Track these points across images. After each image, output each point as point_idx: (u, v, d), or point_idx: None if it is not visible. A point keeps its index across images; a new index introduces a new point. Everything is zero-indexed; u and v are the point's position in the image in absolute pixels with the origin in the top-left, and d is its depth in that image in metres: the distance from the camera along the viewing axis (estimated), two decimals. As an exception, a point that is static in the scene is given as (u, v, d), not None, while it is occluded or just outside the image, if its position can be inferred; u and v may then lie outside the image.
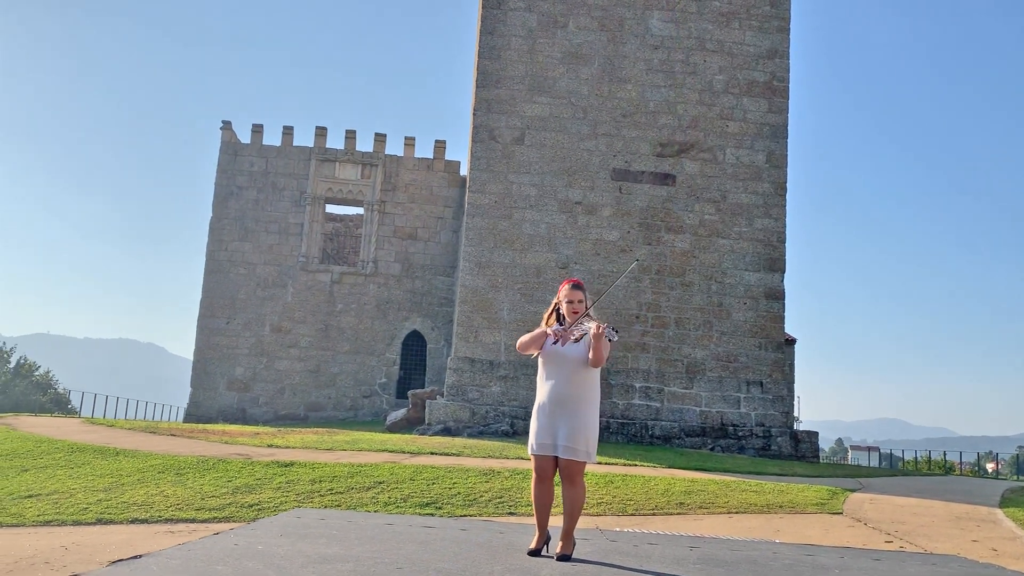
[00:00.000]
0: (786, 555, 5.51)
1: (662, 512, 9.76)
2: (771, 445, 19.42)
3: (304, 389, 27.07)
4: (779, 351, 20.23)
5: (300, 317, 27.37)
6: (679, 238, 20.17)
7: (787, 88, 20.96)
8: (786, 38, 21.12)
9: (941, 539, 8.56)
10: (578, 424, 5.03)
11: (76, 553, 7.67)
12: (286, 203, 27.85)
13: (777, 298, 20.26)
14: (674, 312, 19.95)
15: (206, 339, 27.21)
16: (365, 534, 5.18)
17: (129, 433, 16.10)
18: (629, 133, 20.39)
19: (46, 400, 43.83)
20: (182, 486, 10.78)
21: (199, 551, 4.02)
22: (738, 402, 19.79)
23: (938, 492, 13.12)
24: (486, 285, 19.64)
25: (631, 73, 20.59)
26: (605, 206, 20.13)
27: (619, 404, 19.50)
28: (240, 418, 25.84)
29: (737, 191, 20.44)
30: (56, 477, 11.70)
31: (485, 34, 20.55)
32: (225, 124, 28.34)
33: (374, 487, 10.54)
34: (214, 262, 27.54)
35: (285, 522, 5.52)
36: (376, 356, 27.46)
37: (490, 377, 19.30)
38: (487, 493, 10.29)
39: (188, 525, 9.04)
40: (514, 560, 4.63)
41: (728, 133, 20.59)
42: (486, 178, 20.02)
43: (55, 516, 9.57)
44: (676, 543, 5.93)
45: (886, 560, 5.56)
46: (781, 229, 20.48)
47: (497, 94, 20.31)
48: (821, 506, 10.42)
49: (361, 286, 27.75)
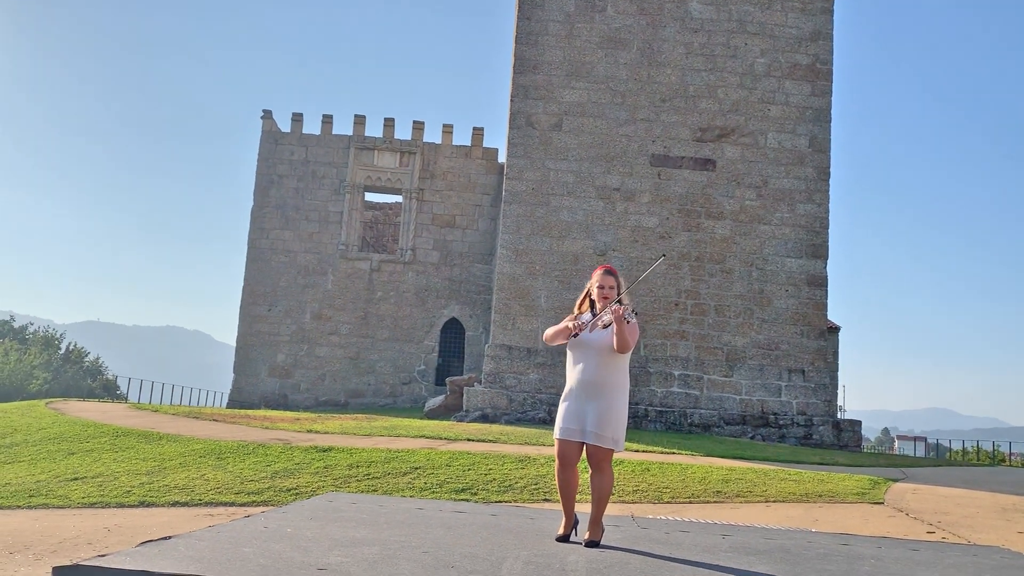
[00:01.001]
0: (821, 544, 5.41)
1: (698, 500, 9.68)
2: (812, 434, 19.15)
3: (344, 376, 27.34)
4: (821, 339, 19.91)
5: (340, 304, 27.62)
6: (719, 224, 19.92)
7: (830, 71, 20.54)
8: (829, 20, 20.69)
9: (985, 530, 8.36)
10: (607, 410, 4.99)
11: (117, 535, 7.84)
12: (326, 191, 28.09)
13: (819, 285, 19.93)
14: (714, 299, 19.74)
15: (248, 326, 27.60)
16: (395, 518, 5.20)
17: (173, 418, 16.42)
18: (668, 118, 20.16)
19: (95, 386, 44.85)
20: (222, 470, 10.97)
21: (228, 533, 4.07)
22: (779, 390, 19.54)
23: (985, 482, 12.82)
24: (523, 272, 19.61)
25: (671, 57, 20.34)
26: (644, 192, 19.95)
27: (657, 392, 19.37)
28: (282, 404, 26.20)
29: (779, 176, 20.11)
30: (101, 460, 11.98)
31: (522, 19, 20.44)
32: (266, 113, 28.63)
33: (410, 472, 10.61)
34: (256, 250, 27.90)
35: (316, 506, 5.57)
36: (415, 343, 27.63)
37: (527, 364, 19.29)
38: (522, 480, 10.30)
39: (227, 508, 9.20)
40: (542, 546, 4.62)
41: (770, 117, 20.25)
42: (523, 165, 19.96)
43: (99, 498, 9.80)
44: (708, 531, 5.86)
45: (924, 550, 5.43)
46: (824, 215, 20.12)
47: (534, 80, 20.21)
48: (862, 496, 10.24)
49: (400, 274, 27.91)
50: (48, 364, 39.79)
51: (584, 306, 5.40)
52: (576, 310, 5.44)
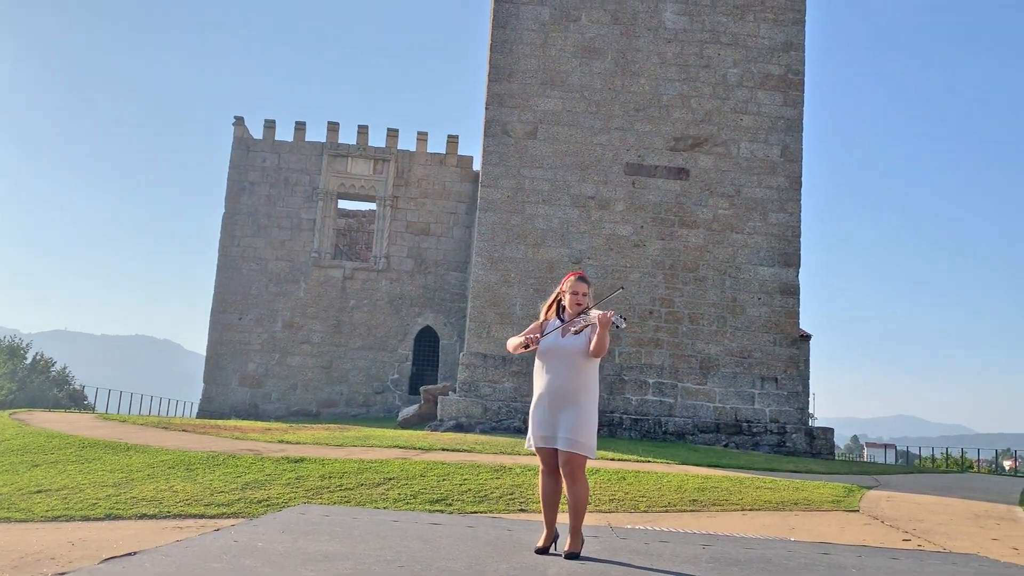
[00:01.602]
0: (801, 554, 5.37)
1: (675, 509, 9.63)
2: (786, 442, 19.22)
3: (316, 385, 27.05)
4: (794, 347, 20.02)
5: (312, 313, 27.34)
6: (693, 233, 19.98)
7: (802, 81, 20.71)
8: (801, 30, 20.87)
9: (960, 537, 8.39)
10: (580, 417, 4.92)
11: (82, 549, 7.62)
12: (298, 199, 27.82)
13: (792, 293, 20.04)
14: (688, 307, 19.77)
15: (219, 335, 27.23)
16: (369, 531, 5.08)
17: (140, 429, 16.10)
18: (642, 127, 20.21)
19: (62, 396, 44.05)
20: (192, 482, 10.74)
21: (196, 548, 3.93)
22: (752, 398, 19.59)
23: (956, 489, 12.92)
24: (498, 280, 19.53)
25: (644, 67, 20.40)
26: (618, 201, 19.97)
27: (632, 400, 19.35)
28: (252, 414, 25.85)
29: (751, 185, 20.22)
30: (66, 472, 11.69)
31: (497, 28, 20.41)
32: (237, 120, 28.34)
33: (384, 483, 10.46)
34: (227, 258, 27.55)
35: (288, 518, 5.43)
36: (388, 352, 27.41)
37: (502, 373, 19.19)
38: (498, 490, 10.19)
39: (197, 521, 8.99)
40: (521, 558, 4.52)
41: (742, 127, 20.37)
42: (498, 173, 19.90)
43: (64, 512, 9.54)
44: (688, 541, 5.80)
45: (904, 559, 5.41)
46: (796, 224, 20.25)
47: (509, 88, 20.17)
48: (837, 503, 10.27)
49: (373, 282, 27.69)
50: (13, 374, 38.99)
51: (551, 312, 5.32)
52: (543, 316, 5.36)
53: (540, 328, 5.22)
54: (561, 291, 5.28)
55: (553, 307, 5.32)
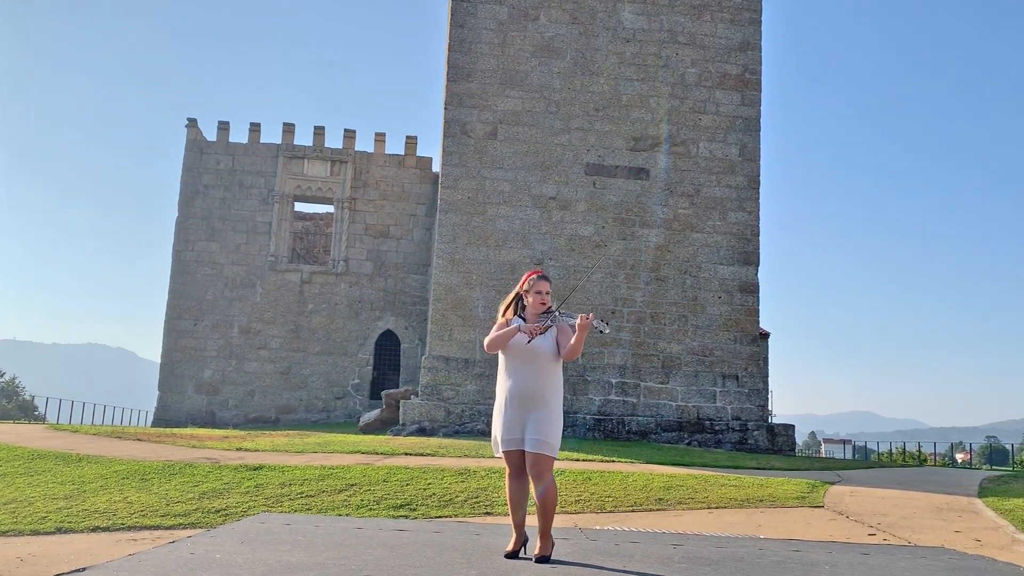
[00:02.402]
0: (773, 551, 5.31)
1: (641, 508, 9.57)
2: (748, 439, 19.33)
3: (275, 391, 26.60)
4: (754, 344, 20.15)
5: (270, 318, 26.90)
6: (653, 232, 20.02)
7: (759, 81, 20.88)
8: (758, 30, 21.04)
9: (924, 531, 8.44)
10: (547, 417, 4.81)
11: (32, 564, 7.31)
12: (254, 201, 27.36)
13: (752, 292, 20.18)
14: (649, 307, 19.80)
15: (173, 341, 26.66)
16: (332, 539, 4.90)
17: (93, 439, 15.63)
18: (602, 127, 20.20)
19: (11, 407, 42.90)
20: (147, 492, 10.42)
21: (150, 562, 3.73)
22: (714, 396, 19.68)
23: (917, 483, 13.06)
24: (460, 282, 19.36)
25: (603, 67, 20.40)
26: (579, 201, 19.93)
27: (595, 400, 19.31)
28: (209, 421, 25.34)
29: (711, 185, 20.32)
30: (15, 485, 11.27)
31: (455, 27, 20.26)
32: (190, 121, 27.80)
33: (346, 490, 10.25)
34: (180, 263, 26.99)
35: (248, 528, 5.22)
36: (349, 356, 27.07)
37: (465, 376, 19.02)
38: (463, 493, 10.04)
39: (152, 532, 8.70)
40: (491, 564, 4.38)
41: (701, 127, 20.46)
42: (458, 173, 19.74)
43: (12, 526, 9.18)
44: (659, 541, 5.71)
45: (875, 554, 5.38)
46: (755, 223, 20.39)
47: (468, 88, 20.03)
48: (802, 499, 10.29)
49: (332, 285, 27.33)
50: (-41, 385, 37.87)
51: (510, 312, 5.18)
52: (501, 316, 5.21)
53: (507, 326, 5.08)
54: (522, 290, 5.15)
55: (512, 307, 5.18)
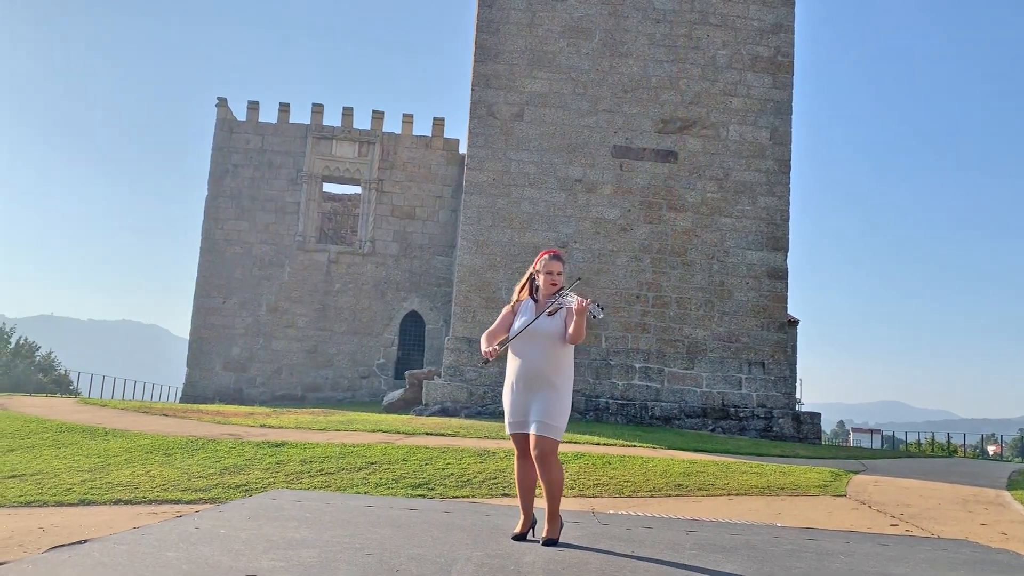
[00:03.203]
0: (788, 539, 5.22)
1: (660, 494, 9.50)
2: (773, 426, 19.14)
3: (301, 369, 26.81)
4: (781, 331, 19.91)
5: (297, 297, 27.06)
6: (681, 216, 19.80)
7: (791, 63, 20.51)
8: (791, 12, 20.66)
9: (948, 522, 8.28)
10: (554, 400, 4.74)
11: (53, 535, 7.41)
12: (283, 181, 27.48)
13: (780, 277, 19.91)
14: (675, 292, 19.62)
15: (202, 319, 26.93)
16: (340, 517, 4.88)
17: (121, 413, 15.85)
18: (630, 109, 19.98)
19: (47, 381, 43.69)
20: (169, 466, 10.54)
21: (153, 535, 3.73)
22: (739, 383, 19.49)
23: (943, 474, 12.84)
24: (484, 264, 19.31)
25: (633, 48, 20.15)
26: (606, 184, 19.76)
27: (619, 385, 19.22)
28: (237, 398, 25.60)
29: (740, 168, 20.04)
30: (42, 457, 11.46)
31: (483, 7, 20.10)
32: (221, 101, 27.93)
33: (365, 468, 10.28)
34: (210, 241, 27.22)
35: (258, 504, 5.23)
36: (374, 336, 27.18)
37: (488, 357, 18.99)
38: (481, 474, 10.03)
39: (173, 506, 8.79)
40: (497, 545, 4.34)
41: (731, 109, 20.16)
42: (484, 155, 19.65)
43: (37, 497, 9.33)
44: (672, 527, 5.64)
45: (893, 545, 5.26)
46: (784, 207, 20.10)
47: (495, 69, 19.89)
48: (824, 488, 10.15)
49: (359, 266, 27.42)
50: (-4, 359, 38.62)
51: (524, 292, 5.11)
52: (515, 296, 5.15)
53: (512, 314, 5.03)
54: (535, 270, 5.07)
55: (526, 287, 5.12)
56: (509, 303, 5.20)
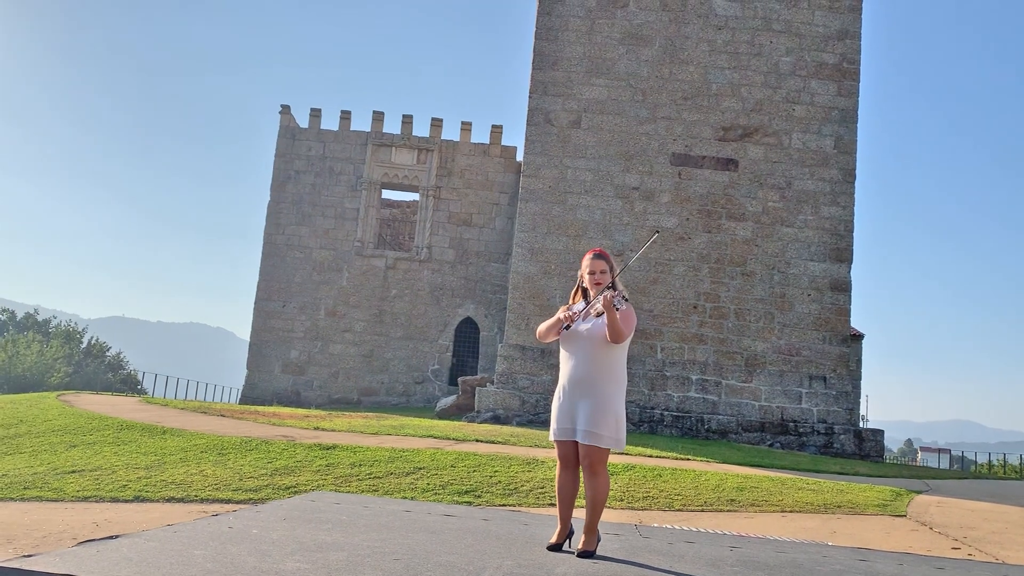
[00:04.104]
0: (836, 559, 5.01)
1: (711, 509, 9.27)
2: (833, 443, 18.61)
3: (358, 373, 27.09)
4: (844, 345, 19.37)
5: (355, 302, 27.37)
6: (741, 226, 19.44)
7: (858, 71, 20.00)
8: (858, 18, 20.15)
9: (1015, 547, 7.89)
10: (600, 407, 4.59)
11: (106, 530, 7.55)
12: (343, 188, 27.86)
13: (843, 290, 19.39)
14: (734, 303, 19.25)
15: (262, 322, 27.43)
16: (376, 521, 4.85)
17: (180, 413, 16.19)
18: (690, 116, 19.71)
19: (116, 380, 45.00)
20: (223, 466, 10.69)
21: (184, 533, 3.74)
22: (799, 397, 19.01)
23: (1015, 497, 12.28)
24: (538, 272, 19.24)
25: (693, 54, 19.90)
26: (663, 192, 19.52)
27: (674, 397, 18.92)
28: (294, 401, 25.99)
29: (803, 177, 19.60)
30: (102, 454, 11.74)
31: (542, 15, 20.08)
32: (284, 108, 28.48)
33: (413, 473, 10.28)
34: (271, 246, 27.73)
35: (295, 505, 5.23)
36: (429, 342, 27.32)
37: (541, 365, 18.91)
38: (528, 483, 9.93)
39: (223, 505, 8.91)
40: (530, 554, 4.24)
41: (794, 117, 19.74)
42: (540, 162, 19.60)
43: (94, 492, 9.55)
44: (716, 542, 5.47)
45: (950, 569, 5.01)
46: (849, 218, 19.57)
47: (553, 76, 19.84)
48: (883, 508, 9.79)
49: (415, 272, 27.62)
50: (70, 358, 39.94)
51: (578, 297, 5.02)
52: (571, 300, 5.07)
53: (566, 312, 4.93)
54: (581, 273, 4.97)
55: (579, 291, 5.03)
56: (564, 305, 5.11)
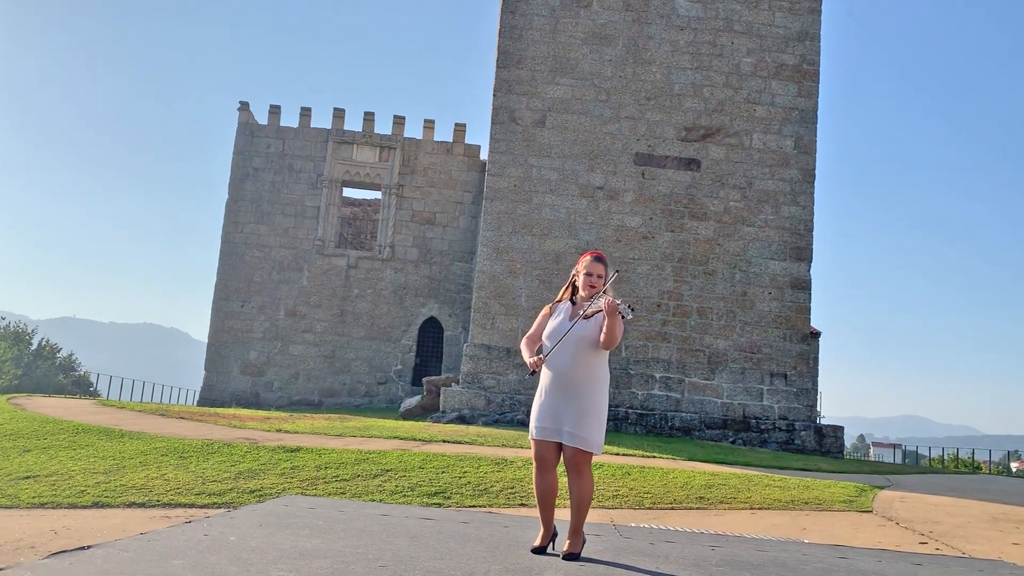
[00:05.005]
0: (817, 557, 5.02)
1: (681, 506, 9.29)
2: (794, 439, 18.84)
3: (319, 375, 26.75)
4: (804, 343, 19.62)
5: (315, 302, 27.04)
6: (703, 225, 19.58)
7: (817, 72, 20.26)
8: (817, 20, 20.42)
9: (979, 541, 8.02)
10: (587, 409, 4.54)
11: (65, 537, 7.31)
12: (303, 186, 27.50)
13: (803, 288, 19.63)
14: (696, 301, 19.39)
15: (220, 322, 26.96)
16: (354, 526, 4.73)
17: (138, 415, 15.80)
18: (653, 116, 19.80)
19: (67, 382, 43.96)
20: (184, 470, 10.45)
21: (160, 542, 3.59)
22: (761, 394, 19.21)
23: (972, 491, 12.53)
24: (504, 271, 19.17)
25: (656, 55, 19.99)
26: (627, 191, 19.58)
27: (638, 394, 19.00)
28: (254, 403, 25.59)
29: (764, 177, 19.80)
30: (57, 459, 11.40)
31: (506, 13, 20.02)
32: (242, 105, 28.02)
33: (381, 475, 10.14)
34: (230, 244, 27.26)
35: (269, 510, 5.09)
36: (392, 342, 27.09)
37: (507, 365, 18.85)
38: (498, 483, 9.86)
39: (186, 510, 8.68)
40: (516, 558, 4.17)
41: (755, 118, 19.94)
42: (505, 161, 19.53)
43: (51, 499, 9.25)
44: (696, 541, 5.45)
45: (928, 565, 5.05)
46: (808, 217, 19.82)
47: (518, 75, 19.79)
48: (849, 503, 9.90)
49: (378, 271, 27.36)
50: (19, 360, 38.87)
51: (566, 294, 4.96)
52: (559, 297, 5.01)
53: (548, 315, 4.88)
54: (576, 272, 4.92)
55: (568, 289, 4.97)
56: (536, 310, 5.05)
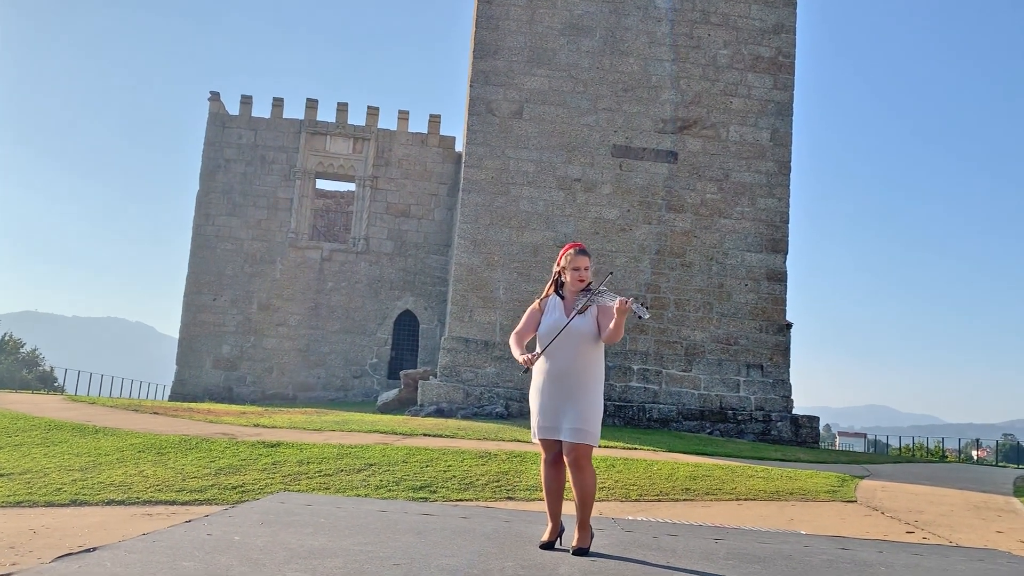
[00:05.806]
0: (820, 549, 5.01)
1: (668, 498, 9.30)
2: (771, 430, 18.99)
3: (293, 368, 26.47)
4: (780, 334, 19.76)
5: (289, 295, 26.72)
6: (680, 217, 19.62)
7: (793, 64, 20.37)
8: (793, 12, 20.52)
9: (964, 530, 8.12)
10: (587, 404, 4.51)
11: (45, 537, 7.12)
12: (275, 177, 27.13)
13: (779, 280, 19.77)
14: (674, 293, 19.44)
15: (192, 316, 26.55)
16: (356, 523, 4.64)
17: (110, 411, 15.52)
18: (630, 108, 19.79)
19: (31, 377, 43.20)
20: (163, 466, 10.26)
21: (165, 542, 3.47)
22: (738, 385, 19.33)
23: (948, 480, 12.71)
24: (481, 263, 19.07)
25: (633, 46, 19.96)
26: (605, 183, 19.56)
27: (616, 387, 19.02)
28: (226, 397, 25.25)
29: (740, 170, 19.89)
30: (31, 456, 11.15)
31: (483, 3, 19.86)
32: (213, 95, 27.57)
33: (365, 469, 10.04)
34: (201, 237, 26.84)
35: (267, 508, 4.98)
36: (367, 335, 26.88)
37: (485, 358, 18.77)
38: (483, 477, 9.81)
39: (167, 508, 8.52)
40: (526, 554, 4.11)
41: (732, 110, 20.00)
42: (482, 152, 19.41)
43: (27, 497, 9.04)
44: (699, 534, 5.43)
45: (928, 555, 5.07)
46: (784, 209, 19.95)
47: (495, 65, 19.66)
48: (833, 493, 9.99)
49: (352, 264, 27.11)
50: (-20, 354, 38.12)
51: (551, 289, 4.89)
52: (545, 293, 4.93)
53: (539, 312, 4.81)
54: (560, 267, 4.84)
55: (555, 285, 4.90)
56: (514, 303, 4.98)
